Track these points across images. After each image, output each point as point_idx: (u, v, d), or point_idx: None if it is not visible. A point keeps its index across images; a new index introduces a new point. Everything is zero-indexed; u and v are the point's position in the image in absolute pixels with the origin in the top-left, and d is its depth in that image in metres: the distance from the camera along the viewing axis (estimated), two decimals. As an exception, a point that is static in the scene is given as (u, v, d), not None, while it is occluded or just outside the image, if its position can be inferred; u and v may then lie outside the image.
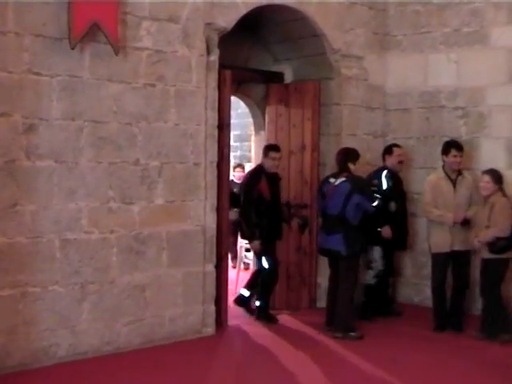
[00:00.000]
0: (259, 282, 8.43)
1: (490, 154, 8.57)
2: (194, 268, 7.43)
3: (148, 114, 7.01)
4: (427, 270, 8.49)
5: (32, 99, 6.21)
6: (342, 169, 7.81)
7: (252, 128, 10.83)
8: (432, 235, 8.04)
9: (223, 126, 7.79)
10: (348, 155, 7.89)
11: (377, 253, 8.39)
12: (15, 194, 6.16)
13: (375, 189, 8.18)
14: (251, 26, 8.63)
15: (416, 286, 9.18)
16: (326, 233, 7.74)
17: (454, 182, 7.93)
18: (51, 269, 6.40)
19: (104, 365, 6.52)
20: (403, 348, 7.32)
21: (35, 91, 6.23)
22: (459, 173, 8.02)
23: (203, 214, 7.42)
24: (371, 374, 6.47)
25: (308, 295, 9.04)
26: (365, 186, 7.87)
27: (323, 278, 9.04)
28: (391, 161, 8.67)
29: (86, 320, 6.65)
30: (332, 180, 7.78)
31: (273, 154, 8.25)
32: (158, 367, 6.49)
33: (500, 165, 8.30)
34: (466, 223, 7.81)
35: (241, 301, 8.64)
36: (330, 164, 8.99)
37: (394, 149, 8.71)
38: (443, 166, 8.07)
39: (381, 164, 9.01)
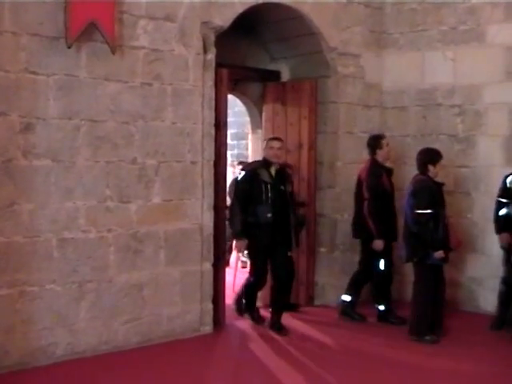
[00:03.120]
0: (375, 285, 8.25)
1: (486, 152, 8.58)
2: (191, 266, 7.43)
3: (145, 112, 7.01)
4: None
5: (29, 98, 6.21)
6: (420, 171, 7.58)
7: (249, 126, 10.83)
8: None
9: (220, 125, 7.79)
10: (427, 156, 7.59)
11: None
12: (12, 194, 6.15)
13: None
14: (248, 24, 8.63)
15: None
16: None
17: None
18: (49, 268, 6.40)
19: (102, 364, 6.52)
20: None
21: (32, 90, 6.23)
22: None
23: (200, 212, 7.42)
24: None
25: (306, 293, 9.04)
26: (419, 190, 7.41)
27: (321, 276, 9.08)
28: None
29: (84, 319, 6.66)
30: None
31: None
32: (156, 366, 6.50)
33: (496, 162, 8.32)
34: None
35: (344, 307, 8.32)
36: (327, 162, 9.02)
37: None
38: None
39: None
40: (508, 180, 7.65)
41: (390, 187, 8.16)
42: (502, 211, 7.65)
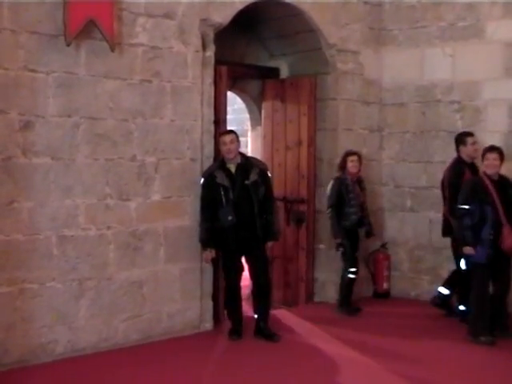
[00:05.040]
0: (458, 285, 8.12)
1: (485, 148, 8.58)
2: (191, 264, 7.44)
3: (144, 110, 7.01)
4: (423, 265, 8.51)
5: (28, 96, 6.21)
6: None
7: (248, 123, 10.84)
8: None
9: (219, 122, 7.79)
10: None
11: None
12: (12, 192, 6.16)
13: None
14: (247, 21, 8.63)
15: (413, 280, 9.21)
16: None
17: None
18: (49, 265, 6.40)
19: (102, 361, 6.52)
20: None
21: (31, 88, 6.23)
22: None
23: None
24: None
25: (305, 290, 9.05)
26: (464, 185, 7.46)
27: (320, 273, 9.08)
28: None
29: (84, 316, 6.66)
30: None
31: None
32: (156, 363, 6.50)
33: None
34: None
35: (439, 300, 8.25)
36: (327, 159, 9.01)
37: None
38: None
39: (376, 158, 9.03)
40: None
41: None
42: None
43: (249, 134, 11.40)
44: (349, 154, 8.37)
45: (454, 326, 7.78)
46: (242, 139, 13.99)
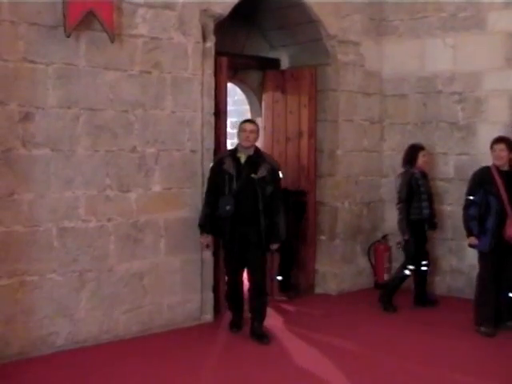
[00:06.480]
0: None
1: (487, 139, 8.43)
2: (191, 255, 7.43)
3: (144, 101, 6.99)
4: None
5: (28, 88, 6.19)
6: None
7: (249, 115, 10.80)
8: None
9: (220, 113, 7.77)
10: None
11: None
12: (12, 183, 6.14)
13: None
14: (247, 12, 8.60)
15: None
16: None
17: None
18: (49, 257, 6.39)
19: (103, 353, 6.52)
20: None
21: (31, 80, 6.21)
22: None
23: (200, 201, 7.39)
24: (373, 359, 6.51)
25: (306, 281, 9.05)
26: (471, 176, 7.51)
27: (321, 265, 9.08)
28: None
29: (85, 308, 6.66)
30: None
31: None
32: (156, 355, 6.50)
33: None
34: None
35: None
36: (327, 150, 9.00)
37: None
38: None
39: (377, 149, 9.03)
40: None
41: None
42: None
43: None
44: (420, 148, 8.28)
45: (455, 317, 7.80)
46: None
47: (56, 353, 6.40)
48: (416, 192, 8.10)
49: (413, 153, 8.27)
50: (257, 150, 7.12)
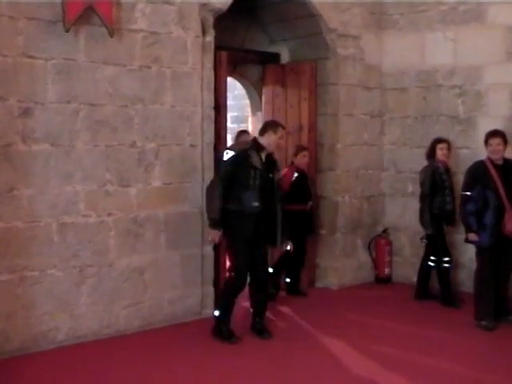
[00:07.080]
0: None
1: (487, 133, 8.55)
2: (192, 250, 7.43)
3: (144, 96, 6.98)
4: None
5: (27, 83, 6.18)
6: None
7: (249, 109, 10.80)
8: None
9: (220, 108, 7.76)
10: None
11: None
12: (12, 179, 6.14)
13: None
14: (247, 6, 8.59)
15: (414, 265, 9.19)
16: None
17: None
18: (49, 253, 6.39)
19: (103, 348, 6.53)
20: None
21: (30, 75, 6.19)
22: None
23: (201, 195, 7.39)
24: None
25: (307, 276, 9.04)
26: (466, 171, 7.50)
27: (322, 259, 9.08)
28: None
29: (85, 303, 6.66)
30: None
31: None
32: (157, 349, 6.50)
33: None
34: None
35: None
36: (328, 144, 8.99)
37: None
38: None
39: (377, 143, 9.01)
40: None
41: None
42: None
43: (249, 119, 11.35)
44: (438, 141, 8.24)
45: (455, 311, 7.81)
46: (242, 125, 14.02)
47: (56, 348, 6.40)
48: (440, 187, 8.08)
49: (431, 146, 8.26)
50: (271, 154, 6.99)
